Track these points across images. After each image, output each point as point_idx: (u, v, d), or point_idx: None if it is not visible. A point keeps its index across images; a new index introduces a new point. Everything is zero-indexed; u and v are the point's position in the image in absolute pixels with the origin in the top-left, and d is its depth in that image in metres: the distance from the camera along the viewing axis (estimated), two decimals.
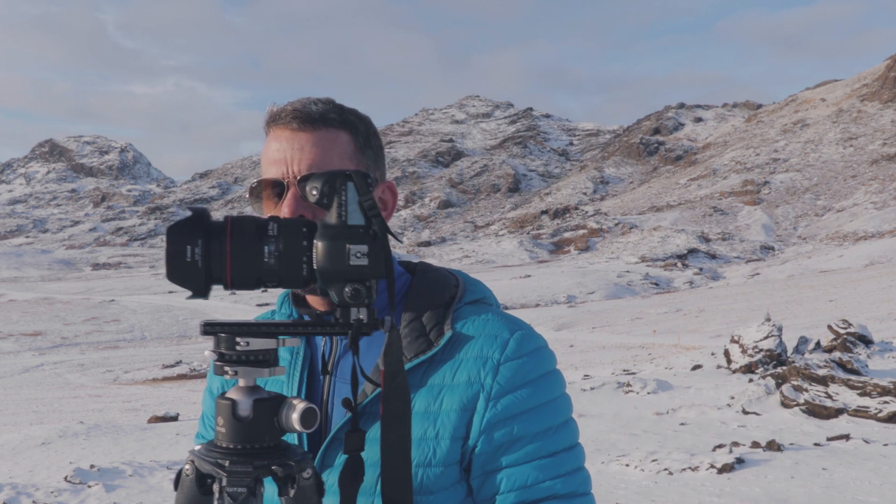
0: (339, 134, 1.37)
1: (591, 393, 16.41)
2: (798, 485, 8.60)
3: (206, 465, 1.16)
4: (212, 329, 1.16)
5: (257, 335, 1.16)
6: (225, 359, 1.16)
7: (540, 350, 1.39)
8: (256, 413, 1.15)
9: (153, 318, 68.29)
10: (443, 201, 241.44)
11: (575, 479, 1.35)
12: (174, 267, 1.11)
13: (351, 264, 1.12)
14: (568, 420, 1.38)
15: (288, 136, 1.35)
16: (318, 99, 1.40)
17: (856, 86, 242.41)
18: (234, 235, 1.12)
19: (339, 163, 1.34)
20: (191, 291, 1.13)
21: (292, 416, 1.15)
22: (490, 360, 1.33)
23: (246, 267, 1.12)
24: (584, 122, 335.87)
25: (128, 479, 9.91)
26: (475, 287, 1.46)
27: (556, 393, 1.38)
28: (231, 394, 1.18)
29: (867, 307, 41.02)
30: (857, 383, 13.16)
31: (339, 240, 1.12)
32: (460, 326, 1.37)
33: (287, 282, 1.15)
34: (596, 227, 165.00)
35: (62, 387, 32.59)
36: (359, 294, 1.12)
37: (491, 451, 1.32)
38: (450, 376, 1.34)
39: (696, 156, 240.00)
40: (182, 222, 1.12)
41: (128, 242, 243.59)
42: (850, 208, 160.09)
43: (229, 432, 1.16)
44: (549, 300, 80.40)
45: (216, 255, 1.12)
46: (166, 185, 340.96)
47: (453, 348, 1.35)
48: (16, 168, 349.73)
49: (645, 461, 9.87)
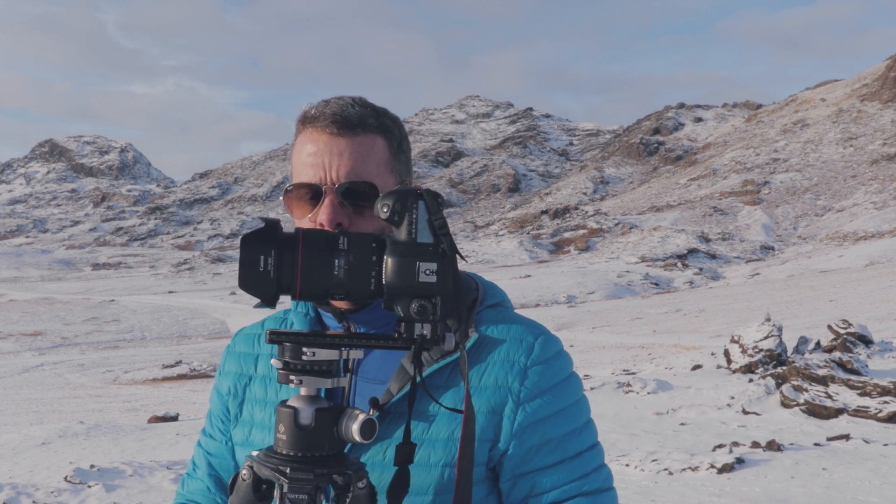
0: (376, 139, 1.37)
1: (591, 393, 16.41)
2: (798, 485, 8.60)
3: (266, 470, 1.19)
4: (277, 338, 1.19)
5: (323, 346, 1.18)
6: (290, 367, 1.19)
7: (561, 353, 1.41)
8: (318, 422, 1.18)
9: (153, 318, 68.26)
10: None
11: (599, 476, 1.39)
12: (247, 276, 1.14)
13: (420, 281, 1.14)
14: (588, 420, 1.43)
15: (326, 140, 1.35)
16: (353, 100, 1.38)
17: (856, 86, 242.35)
18: (305, 247, 1.16)
19: (375, 169, 1.35)
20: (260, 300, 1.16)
21: (352, 427, 1.17)
22: (517, 363, 1.36)
23: (316, 278, 1.16)
24: (584, 122, 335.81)
25: (128, 479, 9.91)
26: (494, 290, 1.48)
27: (578, 395, 1.42)
28: (293, 402, 1.20)
29: (867, 307, 41.01)
30: (857, 383, 13.15)
31: (409, 257, 1.15)
32: (484, 329, 1.39)
33: (354, 294, 1.17)
34: (596, 227, 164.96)
35: (62, 387, 32.58)
36: (425, 310, 1.15)
37: (522, 455, 1.35)
38: (476, 378, 1.35)
39: (696, 156, 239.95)
40: (256, 233, 1.16)
41: (128, 242, 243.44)
42: (850, 208, 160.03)
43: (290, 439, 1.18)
44: (549, 300, 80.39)
45: (287, 266, 1.15)
46: (166, 185, 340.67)
47: (479, 351, 1.37)
48: (16, 168, 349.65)
49: (645, 461, 9.87)
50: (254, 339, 1.55)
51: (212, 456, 1.56)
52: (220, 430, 1.56)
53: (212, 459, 1.56)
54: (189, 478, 1.60)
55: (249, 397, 1.50)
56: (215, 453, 1.56)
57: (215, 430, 1.57)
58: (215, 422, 1.57)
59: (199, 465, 1.58)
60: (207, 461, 1.57)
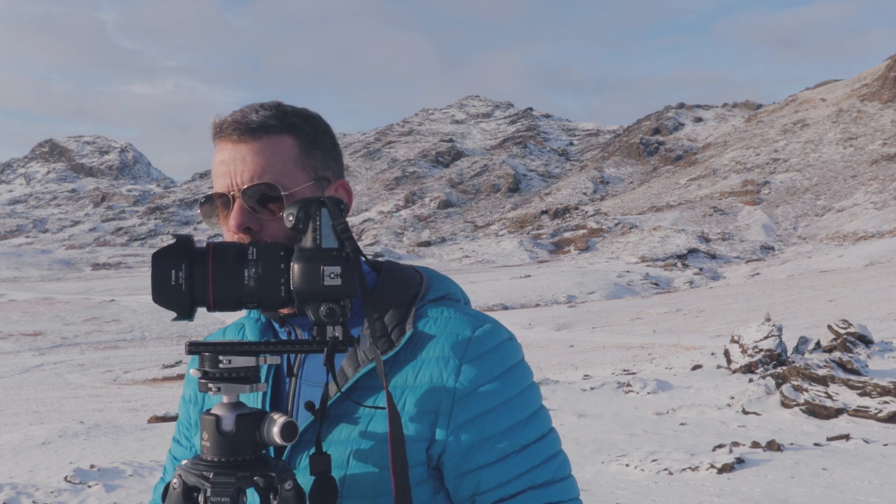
0: (282, 139, 1.36)
1: (591, 393, 16.41)
2: (798, 485, 8.60)
3: (192, 477, 1.22)
4: (196, 348, 1.23)
5: (239, 353, 1.22)
6: (209, 376, 1.22)
7: (503, 344, 1.36)
8: (239, 427, 1.21)
9: (153, 318, 68.29)
10: (443, 201, 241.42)
11: (550, 466, 1.35)
12: (160, 290, 1.20)
13: (325, 284, 1.18)
14: (537, 410, 1.37)
15: (230, 148, 1.35)
16: (261, 105, 1.38)
17: (856, 86, 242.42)
18: (215, 260, 1.20)
19: (281, 169, 1.34)
20: (175, 313, 1.22)
21: (273, 430, 1.20)
22: (451, 360, 1.32)
23: (227, 289, 1.20)
24: (584, 122, 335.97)
25: (128, 479, 9.91)
26: (440, 283, 1.44)
27: (522, 385, 1.36)
28: (215, 410, 1.23)
29: (867, 307, 41.02)
30: (857, 383, 13.16)
31: (314, 262, 1.19)
32: (422, 325, 1.35)
33: (266, 302, 1.22)
34: (596, 227, 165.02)
35: (62, 387, 32.60)
36: (333, 313, 1.19)
37: (462, 453, 1.31)
38: (412, 377, 1.32)
39: (696, 156, 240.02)
40: (167, 248, 1.21)
41: (128, 242, 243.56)
42: (850, 208, 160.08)
43: (213, 446, 1.22)
44: (549, 300, 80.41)
45: (199, 278, 1.20)
46: (166, 185, 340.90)
47: (415, 348, 1.34)
48: (16, 168, 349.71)
49: (645, 461, 9.87)
50: None
51: (178, 461, 1.58)
52: (185, 437, 1.58)
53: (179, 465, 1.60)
54: (161, 482, 1.61)
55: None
56: (181, 458, 1.58)
57: (181, 436, 1.59)
58: (181, 428, 1.59)
59: (169, 470, 1.60)
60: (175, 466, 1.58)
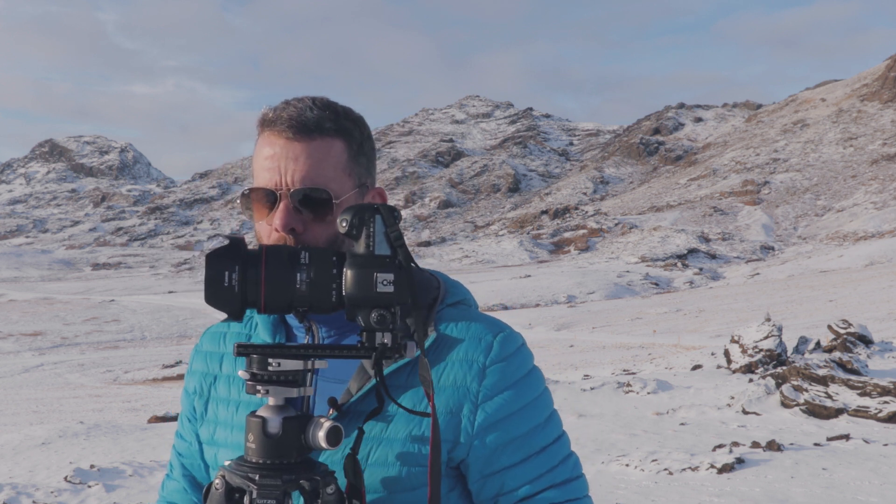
0: (334, 143, 1.36)
1: (591, 393, 16.41)
2: (798, 485, 8.60)
3: (237, 478, 1.23)
4: (245, 350, 1.24)
5: (288, 357, 1.23)
6: (257, 378, 1.23)
7: (520, 350, 1.41)
8: (285, 430, 1.22)
9: (153, 318, 68.32)
10: (443, 201, 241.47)
11: (567, 466, 1.41)
12: (212, 291, 1.20)
13: (378, 291, 1.19)
14: (551, 413, 1.43)
15: (282, 144, 1.34)
16: (314, 101, 1.37)
17: (856, 86, 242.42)
18: (268, 263, 1.21)
19: (332, 174, 1.35)
20: (226, 314, 1.22)
21: (318, 434, 1.22)
22: (475, 363, 1.36)
23: (279, 293, 1.21)
24: (584, 122, 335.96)
25: (128, 479, 9.91)
26: (455, 289, 1.47)
27: (539, 389, 1.42)
28: (261, 412, 1.24)
29: (867, 307, 41.04)
30: (857, 383, 13.16)
31: (367, 268, 1.19)
32: (444, 328, 1.39)
33: (317, 307, 1.22)
34: (596, 227, 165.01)
35: (62, 387, 32.61)
36: (384, 320, 1.19)
37: (487, 455, 1.36)
38: (436, 379, 1.35)
39: (696, 156, 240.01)
40: (220, 249, 1.21)
41: (128, 242, 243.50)
42: (850, 208, 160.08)
43: (259, 448, 1.23)
44: (549, 300, 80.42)
45: (251, 281, 1.20)
46: (166, 185, 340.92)
47: (438, 350, 1.37)
48: (16, 168, 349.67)
49: (645, 461, 9.87)
50: (220, 337, 1.55)
51: (183, 457, 1.58)
52: (189, 431, 1.56)
53: (183, 460, 1.58)
54: (168, 479, 1.61)
55: (214, 396, 1.50)
56: (185, 454, 1.57)
57: (185, 430, 1.57)
58: (184, 422, 1.58)
59: (175, 467, 1.60)
60: (180, 462, 1.58)
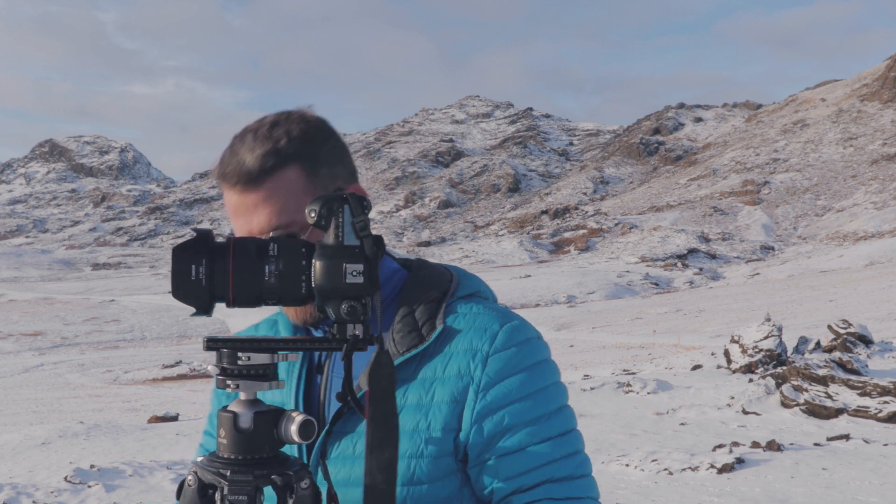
0: (285, 174, 1.34)
1: (591, 393, 16.42)
2: (798, 485, 8.60)
3: (209, 474, 1.21)
4: (214, 345, 1.21)
5: (257, 350, 1.20)
6: (227, 373, 1.21)
7: (531, 340, 1.39)
8: (257, 425, 1.20)
9: (153, 318, 68.33)
10: (443, 201, 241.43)
11: (571, 462, 1.36)
12: (179, 285, 1.18)
13: (347, 282, 1.17)
14: (562, 407, 1.39)
15: (237, 198, 1.35)
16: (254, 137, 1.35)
17: (856, 86, 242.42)
18: (236, 255, 1.19)
19: (294, 204, 1.34)
20: (195, 308, 1.19)
21: (291, 428, 1.19)
22: (479, 352, 1.35)
23: (247, 285, 1.19)
24: (584, 122, 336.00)
25: (128, 479, 9.91)
26: (469, 281, 1.46)
27: (549, 381, 1.38)
28: (233, 407, 1.22)
29: (867, 307, 41.04)
30: (857, 383, 13.16)
31: (336, 259, 1.17)
32: (451, 320, 1.38)
33: (286, 299, 1.21)
34: (596, 227, 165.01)
35: (62, 387, 32.61)
36: (354, 311, 1.17)
37: (484, 442, 1.34)
38: (441, 369, 1.35)
39: (696, 156, 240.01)
40: (187, 243, 1.19)
41: (128, 242, 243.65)
42: (850, 208, 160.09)
43: (231, 443, 1.20)
44: (549, 300, 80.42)
45: (219, 274, 1.18)
46: (166, 185, 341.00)
47: (444, 342, 1.36)
48: (16, 168, 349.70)
49: (645, 461, 9.87)
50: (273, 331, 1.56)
51: None
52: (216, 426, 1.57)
53: None
54: None
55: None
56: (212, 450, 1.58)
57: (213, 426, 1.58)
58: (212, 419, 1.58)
59: None
60: None
